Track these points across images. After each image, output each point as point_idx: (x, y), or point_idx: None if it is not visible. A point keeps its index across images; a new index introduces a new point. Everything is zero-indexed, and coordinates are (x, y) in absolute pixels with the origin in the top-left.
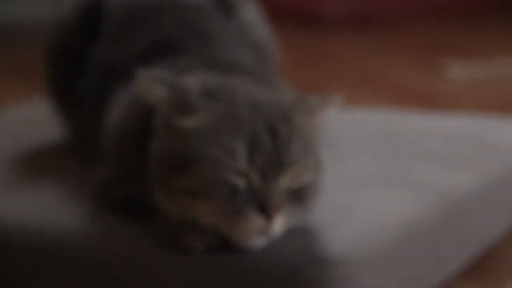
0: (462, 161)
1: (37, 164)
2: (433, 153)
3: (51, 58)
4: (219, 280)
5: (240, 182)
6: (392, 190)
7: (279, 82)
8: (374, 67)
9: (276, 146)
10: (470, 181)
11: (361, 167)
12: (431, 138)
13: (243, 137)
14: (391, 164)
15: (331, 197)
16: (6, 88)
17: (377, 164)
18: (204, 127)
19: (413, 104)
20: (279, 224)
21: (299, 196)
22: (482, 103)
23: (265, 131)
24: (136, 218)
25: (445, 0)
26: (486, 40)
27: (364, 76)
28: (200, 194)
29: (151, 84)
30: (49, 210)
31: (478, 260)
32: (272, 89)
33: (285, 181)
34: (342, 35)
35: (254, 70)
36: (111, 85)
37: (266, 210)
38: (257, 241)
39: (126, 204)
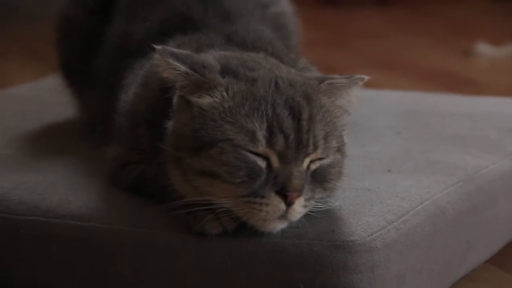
0: (489, 144)
1: (47, 143)
2: (459, 136)
3: (62, 35)
4: (238, 265)
5: (259, 165)
6: (417, 174)
7: (302, 61)
8: (397, 48)
9: (297, 128)
10: (497, 164)
11: (385, 150)
12: (457, 120)
13: (263, 118)
14: (417, 147)
15: (355, 181)
16: (16, 67)
17: (402, 147)
18: (222, 107)
19: (438, 85)
20: (299, 208)
21: (321, 178)
22: (509, 86)
23: (286, 112)
24: (149, 198)
25: None
26: None
27: (387, 56)
28: (217, 176)
29: (170, 59)
30: (61, 190)
31: (506, 248)
32: (294, 68)
33: (306, 163)
34: (365, 15)
35: (275, 47)
36: (124, 63)
37: (286, 194)
38: (276, 226)
39: (139, 184)
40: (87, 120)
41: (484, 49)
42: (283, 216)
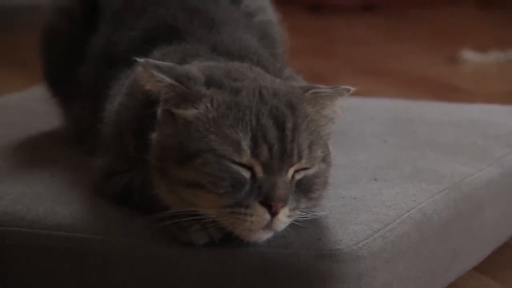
0: (476, 151)
1: (34, 153)
2: (446, 144)
3: (47, 44)
4: (224, 274)
5: (243, 176)
6: (403, 182)
7: (287, 70)
8: (383, 55)
9: (281, 138)
10: (484, 172)
11: (372, 158)
12: (443, 128)
13: (248, 129)
14: (403, 155)
15: (341, 189)
16: (3, 76)
17: (389, 155)
18: (206, 117)
19: (424, 92)
20: (283, 218)
21: (306, 188)
22: (495, 93)
23: (270, 122)
24: (136, 208)
25: None
26: (499, 30)
27: (373, 63)
28: (201, 187)
29: (154, 71)
30: (47, 201)
31: (493, 255)
32: (280, 77)
33: (291, 173)
34: (351, 23)
35: (261, 57)
36: (109, 72)
37: (270, 204)
38: (261, 236)
39: (126, 193)
40: (73, 130)
41: (469, 55)
42: (268, 226)
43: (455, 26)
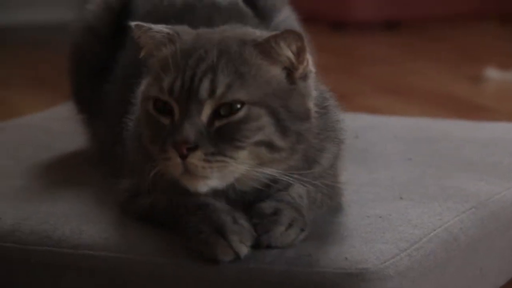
0: (501, 170)
1: (59, 173)
2: (470, 162)
3: (75, 64)
4: None
5: (165, 118)
6: (429, 201)
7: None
8: (406, 73)
9: (192, 76)
10: (510, 191)
11: (397, 176)
12: (468, 147)
13: (174, 70)
14: (428, 173)
15: (366, 208)
16: (27, 96)
17: (413, 173)
18: (160, 63)
19: (447, 111)
20: (196, 161)
21: (229, 135)
22: None
23: (193, 64)
24: (162, 227)
25: (477, 6)
26: None
27: (396, 82)
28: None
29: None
30: (73, 220)
31: None
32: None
33: (205, 116)
34: (375, 40)
35: None
36: (132, 91)
37: (176, 146)
38: (196, 184)
39: (152, 212)
40: (97, 150)
41: (493, 73)
42: (188, 171)
43: (479, 44)
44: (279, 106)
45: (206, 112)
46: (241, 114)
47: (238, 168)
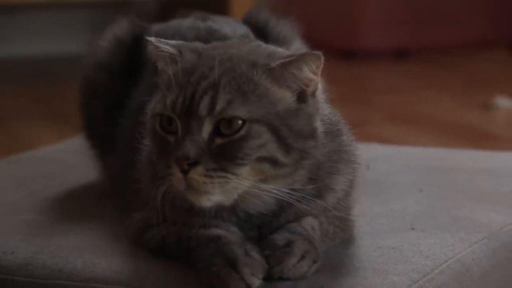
0: None
1: (71, 206)
2: (482, 192)
3: (86, 99)
4: None
5: (169, 138)
6: (441, 231)
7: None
8: (417, 102)
9: (193, 93)
10: None
11: (408, 207)
12: (480, 177)
13: (177, 87)
14: (439, 204)
15: (378, 239)
16: (40, 128)
17: (425, 204)
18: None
19: (458, 140)
20: (197, 176)
21: (230, 152)
22: None
23: (196, 80)
24: (174, 259)
25: (485, 34)
26: None
27: (407, 111)
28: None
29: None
30: (86, 253)
31: None
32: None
33: (206, 133)
34: (385, 69)
35: None
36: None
37: (177, 162)
38: (201, 199)
39: (164, 245)
40: (109, 183)
41: (503, 102)
42: (190, 186)
43: (489, 72)
44: (281, 125)
45: (206, 129)
46: (242, 132)
47: (240, 184)
